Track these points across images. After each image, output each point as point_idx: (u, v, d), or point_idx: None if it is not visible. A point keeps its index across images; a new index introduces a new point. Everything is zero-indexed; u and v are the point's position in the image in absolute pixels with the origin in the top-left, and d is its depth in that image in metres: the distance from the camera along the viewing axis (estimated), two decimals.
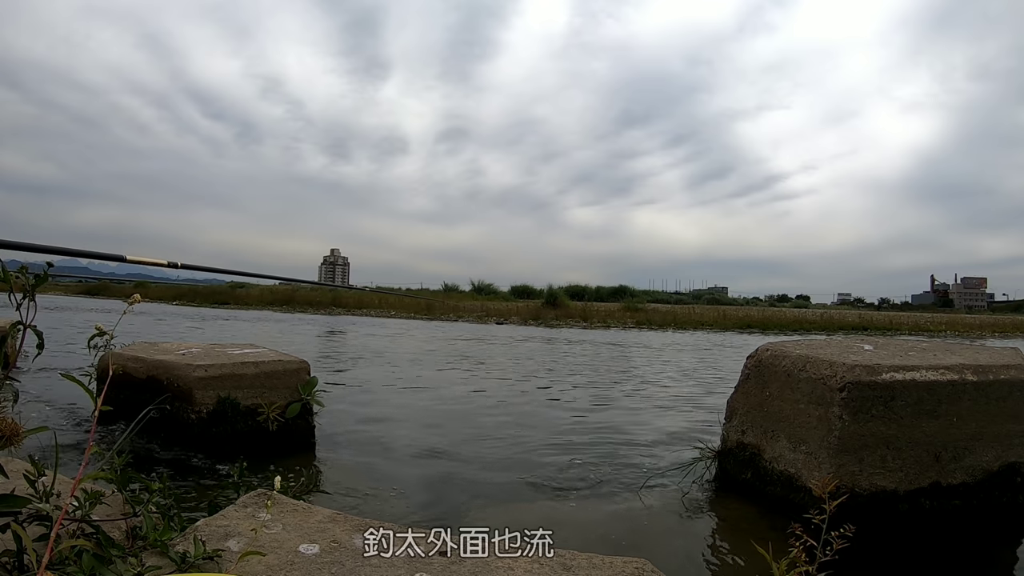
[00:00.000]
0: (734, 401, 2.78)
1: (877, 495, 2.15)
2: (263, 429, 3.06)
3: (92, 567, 0.96)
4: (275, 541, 1.16)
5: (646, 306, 25.53)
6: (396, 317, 20.09)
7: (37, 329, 1.08)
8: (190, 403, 3.04)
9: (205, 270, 3.14)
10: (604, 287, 43.19)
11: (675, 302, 40.24)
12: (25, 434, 1.01)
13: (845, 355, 2.35)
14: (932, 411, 2.21)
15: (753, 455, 2.58)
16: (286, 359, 3.30)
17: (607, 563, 1.14)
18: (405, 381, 5.98)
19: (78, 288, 31.37)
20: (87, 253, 2.21)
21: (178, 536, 1.15)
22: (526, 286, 32.50)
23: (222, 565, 1.06)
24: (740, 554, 2.06)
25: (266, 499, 1.32)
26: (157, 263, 2.26)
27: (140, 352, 3.49)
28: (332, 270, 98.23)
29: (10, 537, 0.93)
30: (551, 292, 24.05)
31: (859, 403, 2.15)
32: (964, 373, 2.27)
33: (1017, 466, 2.33)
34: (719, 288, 79.78)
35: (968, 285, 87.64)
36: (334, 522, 1.27)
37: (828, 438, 2.18)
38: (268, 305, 23.94)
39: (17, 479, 1.12)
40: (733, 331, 18.33)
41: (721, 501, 2.60)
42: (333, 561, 1.10)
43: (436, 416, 4.31)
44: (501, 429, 3.90)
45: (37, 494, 1.04)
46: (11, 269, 1.05)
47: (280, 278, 9.19)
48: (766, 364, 2.59)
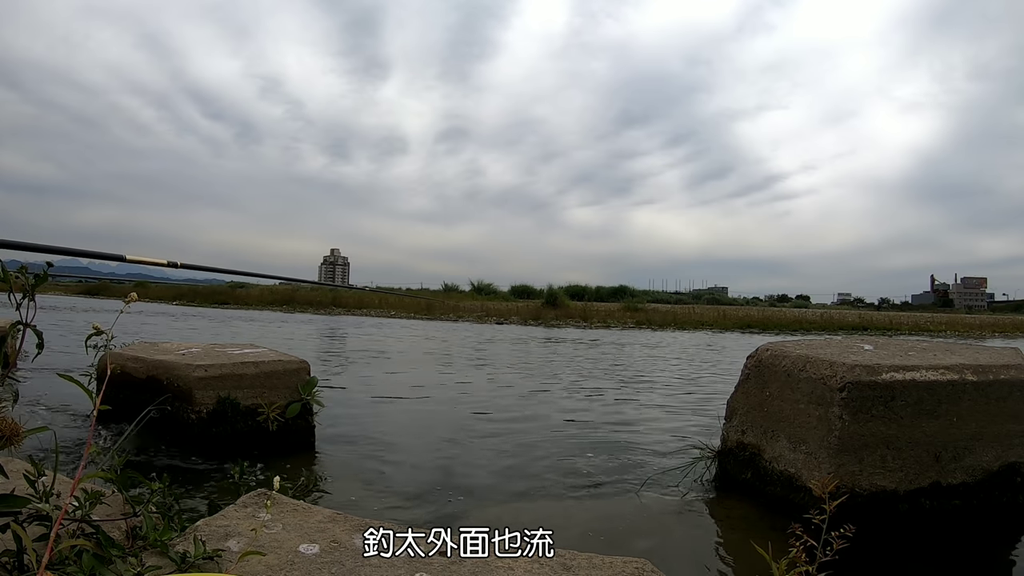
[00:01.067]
0: (734, 401, 2.78)
1: (877, 495, 2.15)
2: (263, 429, 3.06)
3: (92, 567, 0.96)
4: (275, 541, 1.16)
5: (646, 306, 25.54)
6: (396, 317, 20.09)
7: (37, 329, 1.08)
8: (190, 403, 3.04)
9: (205, 270, 3.15)
10: (604, 287, 43.21)
11: (675, 302, 40.23)
12: (25, 434, 1.01)
13: (845, 355, 2.35)
14: (932, 411, 2.21)
15: (753, 455, 2.58)
16: (286, 359, 3.30)
17: (607, 563, 1.14)
18: (405, 381, 5.98)
19: (78, 288, 31.37)
20: (87, 253, 2.21)
21: (178, 536, 1.15)
22: (526, 286, 32.50)
23: (222, 565, 1.06)
24: (740, 554, 2.06)
25: (266, 499, 1.32)
26: (157, 263, 2.27)
27: (140, 352, 3.49)
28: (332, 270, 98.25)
29: (10, 537, 0.93)
30: (551, 292, 24.05)
31: (859, 403, 2.15)
32: (964, 373, 2.27)
33: (1017, 466, 2.33)
34: (719, 288, 79.85)
35: (968, 285, 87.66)
36: (334, 522, 1.27)
37: (828, 438, 2.18)
38: (268, 305, 23.94)
39: (17, 479, 1.12)
40: (733, 331, 18.32)
41: (721, 501, 2.60)
42: (333, 561, 1.10)
43: (436, 416, 4.31)
44: (501, 429, 3.90)
45: (37, 494, 1.04)
46: (11, 269, 1.05)
47: (280, 278, 9.20)
48: (766, 364, 2.59)
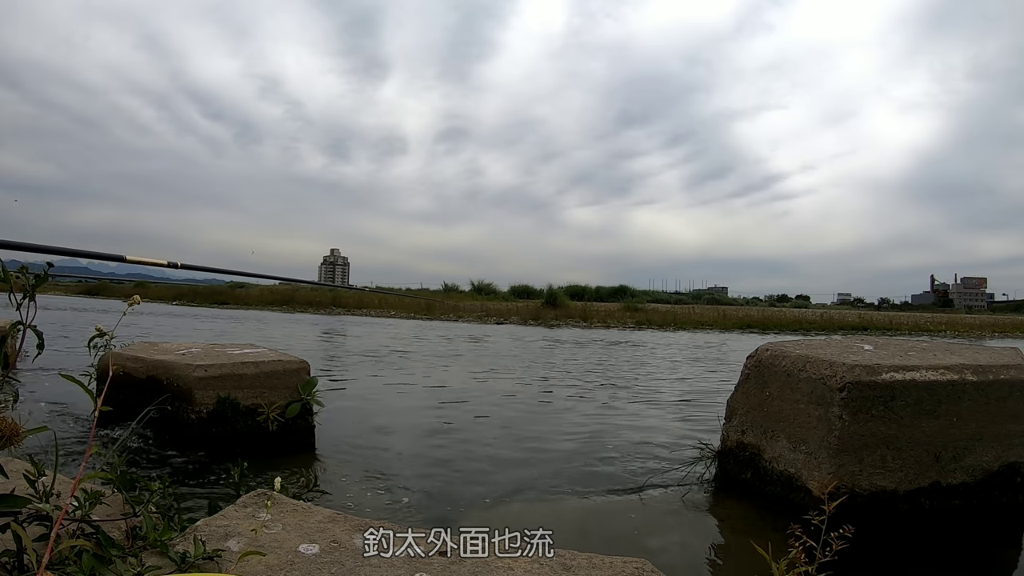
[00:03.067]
0: (734, 401, 2.78)
1: (877, 495, 2.15)
2: (263, 429, 3.06)
3: (92, 567, 0.96)
4: (275, 541, 1.16)
5: (646, 306, 25.52)
6: (396, 317, 20.09)
7: (37, 329, 1.08)
8: (190, 403, 3.04)
9: (205, 270, 3.14)
10: (604, 287, 43.17)
11: (675, 302, 40.21)
12: (25, 434, 1.01)
13: (845, 355, 2.35)
14: (932, 411, 2.21)
15: (753, 455, 2.58)
16: (286, 359, 3.30)
17: (607, 563, 1.14)
18: (405, 381, 5.98)
19: (78, 288, 31.36)
20: (87, 253, 2.21)
21: (178, 536, 1.15)
22: (526, 286, 32.47)
23: (222, 565, 1.06)
24: (740, 554, 2.06)
25: (266, 499, 1.32)
26: (157, 263, 2.26)
27: (140, 352, 3.49)
28: (332, 270, 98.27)
29: (10, 537, 0.93)
30: (551, 292, 24.03)
31: (859, 403, 2.15)
32: (964, 373, 2.27)
33: (1017, 466, 2.33)
34: (719, 288, 79.81)
35: (968, 285, 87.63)
36: (334, 522, 1.27)
37: (828, 438, 2.18)
38: (268, 305, 23.94)
39: (17, 479, 1.12)
40: (733, 331, 18.32)
41: (721, 501, 2.60)
42: (333, 561, 1.10)
43: (436, 416, 4.31)
44: (501, 429, 3.90)
45: (37, 494, 1.04)
46: (11, 269, 1.05)
47: (280, 278, 9.22)
48: (766, 364, 2.59)
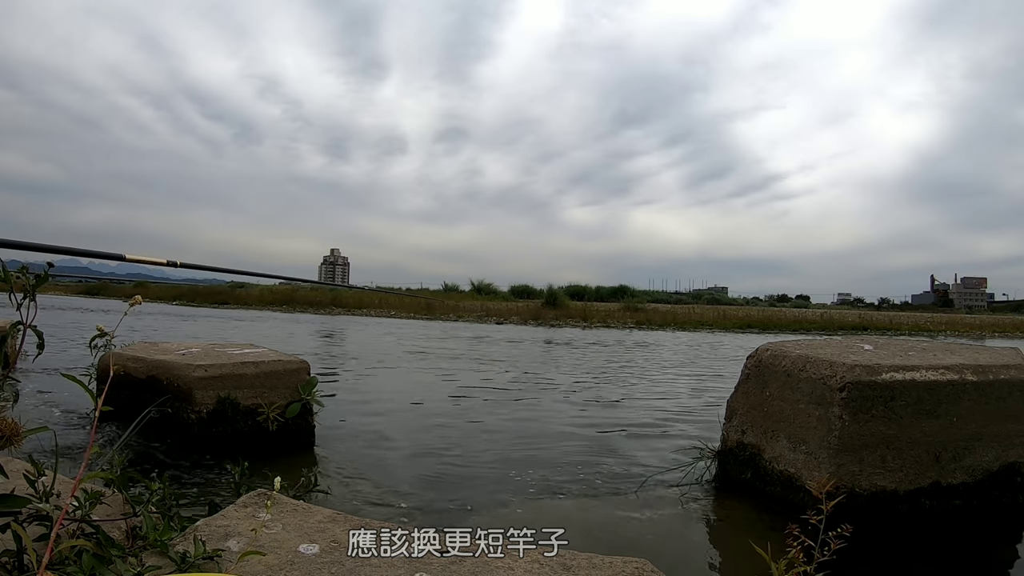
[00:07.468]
0: (734, 401, 2.78)
1: (877, 495, 2.16)
2: (263, 429, 3.06)
3: (92, 567, 0.96)
4: (275, 541, 1.16)
5: (646, 306, 25.52)
6: (396, 317, 20.09)
7: (37, 329, 1.08)
8: (190, 403, 3.04)
9: (205, 269, 3.15)
10: (604, 287, 43.12)
11: (675, 302, 40.18)
12: (25, 434, 1.01)
13: (845, 355, 2.35)
14: (932, 411, 2.21)
15: (753, 455, 2.58)
16: (286, 359, 3.30)
17: (607, 563, 1.14)
18: (405, 381, 5.98)
19: (78, 288, 31.37)
20: (87, 252, 2.21)
21: (178, 536, 1.15)
22: (526, 286, 32.45)
23: (222, 565, 1.06)
24: (740, 554, 2.06)
25: (266, 499, 1.32)
26: (157, 262, 2.26)
27: (140, 352, 3.49)
28: (332, 270, 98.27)
29: (10, 537, 0.93)
30: (551, 292, 24.04)
31: (859, 403, 2.15)
32: (964, 373, 2.27)
33: (1017, 466, 2.33)
34: (719, 288, 79.77)
35: (968, 285, 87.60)
36: (334, 522, 1.27)
37: (828, 438, 2.18)
38: (268, 305, 23.93)
39: (17, 479, 1.12)
40: (733, 331, 18.32)
41: (721, 501, 2.60)
42: (333, 561, 1.10)
43: (436, 416, 4.31)
44: (501, 429, 3.90)
45: (37, 494, 1.04)
46: (11, 269, 1.05)
47: (280, 277, 9.24)
48: (766, 364, 2.59)
